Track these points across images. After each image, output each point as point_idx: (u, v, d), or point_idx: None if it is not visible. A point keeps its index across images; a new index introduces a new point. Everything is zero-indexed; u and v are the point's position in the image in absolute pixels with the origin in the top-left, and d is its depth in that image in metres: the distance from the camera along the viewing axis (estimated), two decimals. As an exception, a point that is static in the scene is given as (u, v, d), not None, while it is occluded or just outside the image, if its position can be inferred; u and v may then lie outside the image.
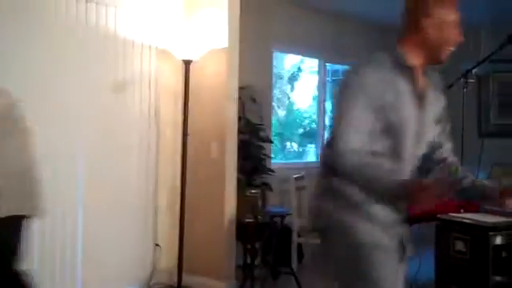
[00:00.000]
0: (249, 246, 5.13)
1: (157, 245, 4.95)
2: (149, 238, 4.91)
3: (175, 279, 4.77)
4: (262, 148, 5.48)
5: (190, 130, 4.78)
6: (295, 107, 7.63)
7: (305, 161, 7.17)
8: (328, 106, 7.37)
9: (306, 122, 7.55)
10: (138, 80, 4.80)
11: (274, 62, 6.47)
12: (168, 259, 5.00)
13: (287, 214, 5.32)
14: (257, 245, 5.14)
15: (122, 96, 4.71)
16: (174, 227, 4.91)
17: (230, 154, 4.83)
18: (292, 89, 7.56)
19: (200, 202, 4.89)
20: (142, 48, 4.80)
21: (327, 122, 7.34)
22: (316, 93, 7.19)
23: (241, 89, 5.05)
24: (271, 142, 5.88)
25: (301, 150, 7.51)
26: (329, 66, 7.27)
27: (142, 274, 4.82)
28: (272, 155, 6.00)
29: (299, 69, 7.53)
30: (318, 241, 6.36)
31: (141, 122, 4.85)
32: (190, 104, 4.77)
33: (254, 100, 5.38)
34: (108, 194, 4.59)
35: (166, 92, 5.02)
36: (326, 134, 7.31)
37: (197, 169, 4.88)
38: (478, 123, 7.12)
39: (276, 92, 6.96)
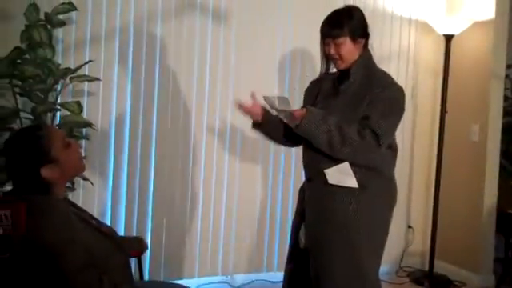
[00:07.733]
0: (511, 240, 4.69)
1: (409, 227, 4.83)
2: (402, 218, 4.77)
3: (426, 264, 4.59)
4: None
5: (448, 109, 4.51)
6: None
7: None
8: None
9: None
10: (395, 54, 4.68)
11: None
12: (419, 243, 4.84)
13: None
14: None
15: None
16: (428, 210, 4.73)
17: (493, 138, 4.44)
18: None
19: (457, 186, 4.61)
20: (400, 21, 4.68)
21: None
22: None
23: (509, 66, 4.57)
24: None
25: None
26: None
27: (394, 255, 4.69)
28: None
29: None
30: None
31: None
32: (449, 82, 4.49)
33: (525, 79, 4.82)
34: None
35: (424, 68, 4.84)
36: None
37: (454, 151, 4.60)
38: None
39: None
